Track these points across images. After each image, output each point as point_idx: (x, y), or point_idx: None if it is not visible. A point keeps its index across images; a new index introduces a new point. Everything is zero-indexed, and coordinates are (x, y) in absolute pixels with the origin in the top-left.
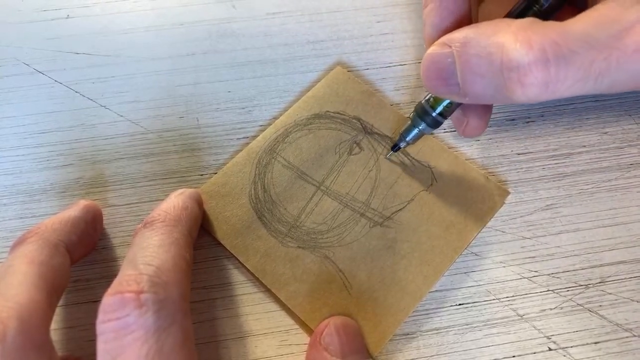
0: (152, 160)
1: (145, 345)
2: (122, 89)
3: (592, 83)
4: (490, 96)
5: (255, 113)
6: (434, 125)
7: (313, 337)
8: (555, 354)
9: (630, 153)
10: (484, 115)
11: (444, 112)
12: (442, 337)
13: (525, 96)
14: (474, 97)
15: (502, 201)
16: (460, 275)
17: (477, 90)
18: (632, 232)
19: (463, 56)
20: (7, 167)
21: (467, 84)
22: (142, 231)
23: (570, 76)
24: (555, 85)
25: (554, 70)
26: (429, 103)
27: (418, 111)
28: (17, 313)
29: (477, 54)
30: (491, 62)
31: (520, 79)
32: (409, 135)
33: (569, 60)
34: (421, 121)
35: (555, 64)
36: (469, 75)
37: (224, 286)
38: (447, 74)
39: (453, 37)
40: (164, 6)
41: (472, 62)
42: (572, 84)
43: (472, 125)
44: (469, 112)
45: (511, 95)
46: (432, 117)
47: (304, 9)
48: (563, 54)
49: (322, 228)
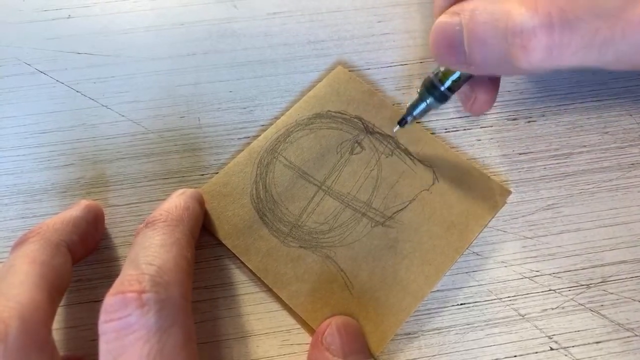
0: (153, 160)
1: (147, 345)
2: (123, 89)
3: (596, 52)
4: (496, 64)
5: (256, 113)
6: (442, 99)
7: (315, 337)
8: (557, 354)
9: (632, 153)
10: (492, 90)
11: (452, 86)
12: (443, 337)
13: (528, 62)
14: (480, 66)
15: (504, 201)
16: (462, 275)
17: (483, 58)
18: (633, 231)
19: (470, 24)
20: (8, 167)
21: (472, 51)
22: (143, 231)
23: (574, 42)
24: (559, 51)
25: (557, 35)
26: (437, 77)
27: (426, 85)
28: (19, 313)
29: (484, 21)
30: (496, 28)
31: (523, 43)
32: (416, 109)
33: (574, 27)
34: (429, 95)
35: (559, 29)
36: (474, 42)
37: (225, 286)
38: (455, 43)
39: (463, 7)
40: (164, 6)
41: (478, 29)
42: (575, 50)
43: (480, 100)
44: (476, 87)
45: (515, 62)
46: (441, 91)
47: (304, 9)
48: (568, 20)
49: (324, 228)
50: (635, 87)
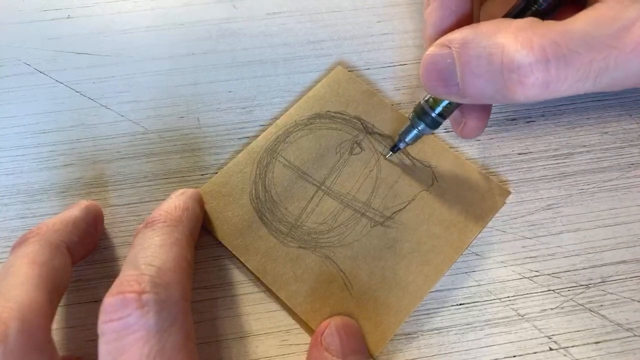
0: (153, 160)
1: (147, 345)
2: (123, 89)
3: (591, 82)
4: (490, 96)
5: (255, 113)
6: (434, 125)
7: (314, 337)
8: (556, 354)
9: (631, 153)
10: (482, 117)
11: (444, 112)
12: (443, 337)
13: (525, 96)
14: (474, 98)
15: (503, 201)
16: (461, 275)
17: (477, 91)
18: (632, 231)
19: (463, 57)
20: (7, 166)
21: (467, 84)
22: (143, 231)
23: (571, 76)
24: (555, 85)
25: (554, 70)
26: (428, 103)
27: (417, 111)
28: (19, 313)
29: (477, 55)
30: (491, 63)
31: (521, 79)
32: (408, 136)
33: (569, 60)
34: (420, 122)
35: (555, 64)
36: (469, 76)
37: (224, 286)
38: (447, 75)
39: (452, 38)
40: (164, 6)
41: (472, 63)
42: (572, 83)
43: (470, 126)
44: (467, 113)
45: (512, 95)
46: (432, 118)
47: (304, 9)
48: (563, 54)
49: (323, 228)
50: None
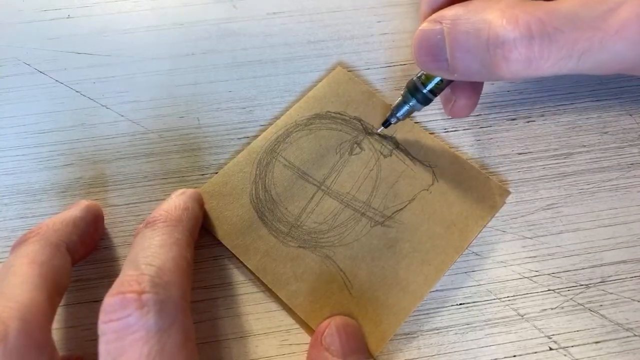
0: (153, 160)
1: (147, 345)
2: (123, 89)
3: (574, 61)
4: (477, 72)
5: (256, 113)
6: (425, 102)
7: (314, 337)
8: (556, 354)
9: (631, 153)
10: (472, 96)
11: (435, 89)
12: (442, 337)
13: (509, 72)
14: (462, 74)
15: (503, 201)
16: (461, 275)
17: (465, 66)
18: (632, 231)
19: (452, 33)
20: (7, 166)
21: (455, 60)
22: (143, 231)
23: (554, 54)
24: (538, 62)
25: (537, 47)
26: (420, 80)
27: (409, 87)
28: (19, 313)
29: (466, 31)
30: (478, 38)
31: (505, 54)
32: (399, 111)
33: (553, 38)
34: (412, 97)
35: (539, 41)
36: (457, 51)
37: (224, 286)
38: (437, 50)
39: (444, 14)
40: (164, 6)
41: (460, 39)
42: (555, 62)
43: (459, 104)
44: (457, 92)
45: (497, 70)
46: (423, 94)
47: (304, 9)
48: (547, 32)
49: (323, 228)
50: (635, 87)
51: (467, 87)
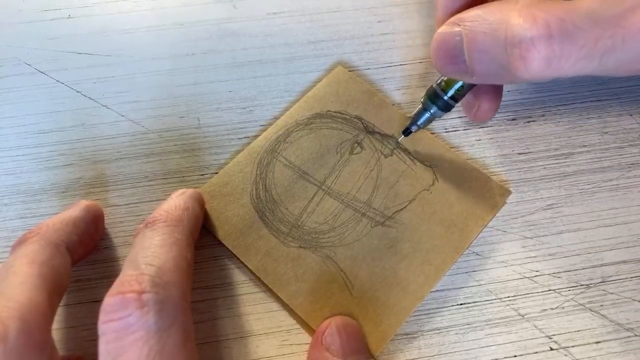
0: (153, 160)
1: (147, 345)
2: (123, 89)
3: (597, 62)
4: (496, 74)
5: (256, 113)
6: (446, 108)
7: (314, 337)
8: (557, 354)
9: (631, 153)
10: (495, 98)
11: (456, 95)
12: (443, 337)
13: (528, 72)
14: (481, 76)
15: (504, 201)
16: (462, 275)
17: (483, 68)
18: (633, 231)
19: (470, 34)
20: (7, 167)
21: (473, 61)
22: (143, 231)
23: (575, 53)
24: (559, 62)
25: (557, 46)
26: (440, 86)
27: (430, 94)
28: (19, 313)
29: (483, 31)
30: (496, 39)
31: (522, 54)
32: (420, 118)
33: (574, 37)
34: (433, 105)
35: (559, 39)
36: (474, 52)
37: (225, 286)
38: (455, 53)
39: (462, 17)
40: (164, 6)
41: (478, 40)
42: (575, 61)
43: (483, 108)
44: (480, 96)
45: (515, 71)
46: (444, 101)
47: (304, 9)
48: (567, 30)
49: (324, 228)
50: (635, 87)
51: (489, 90)
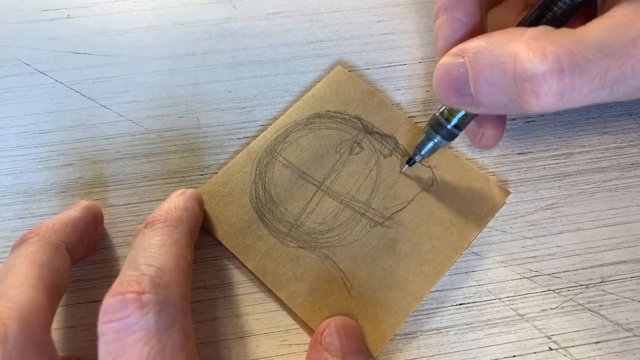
0: (153, 160)
1: (147, 346)
2: (123, 89)
3: (608, 91)
4: (504, 106)
5: (255, 113)
6: (449, 137)
7: (314, 337)
8: (556, 354)
9: (631, 153)
10: (499, 125)
11: (459, 124)
12: (442, 337)
13: (539, 106)
14: (488, 108)
15: (503, 201)
16: (461, 275)
17: (491, 100)
18: (632, 231)
19: (476, 66)
20: (7, 167)
21: (480, 94)
22: (143, 231)
23: (586, 85)
24: (570, 95)
25: (569, 79)
26: (443, 115)
27: (432, 124)
28: (18, 314)
29: (490, 64)
30: (504, 72)
31: (534, 89)
32: (424, 148)
33: (584, 70)
34: (436, 134)
35: (570, 73)
36: (482, 85)
37: (224, 286)
38: (460, 85)
39: (466, 47)
40: (164, 6)
41: (485, 72)
42: (588, 93)
43: (487, 135)
44: (484, 123)
45: (526, 105)
46: (447, 130)
47: (304, 9)
48: (578, 63)
49: (323, 228)
50: None
51: (493, 117)
